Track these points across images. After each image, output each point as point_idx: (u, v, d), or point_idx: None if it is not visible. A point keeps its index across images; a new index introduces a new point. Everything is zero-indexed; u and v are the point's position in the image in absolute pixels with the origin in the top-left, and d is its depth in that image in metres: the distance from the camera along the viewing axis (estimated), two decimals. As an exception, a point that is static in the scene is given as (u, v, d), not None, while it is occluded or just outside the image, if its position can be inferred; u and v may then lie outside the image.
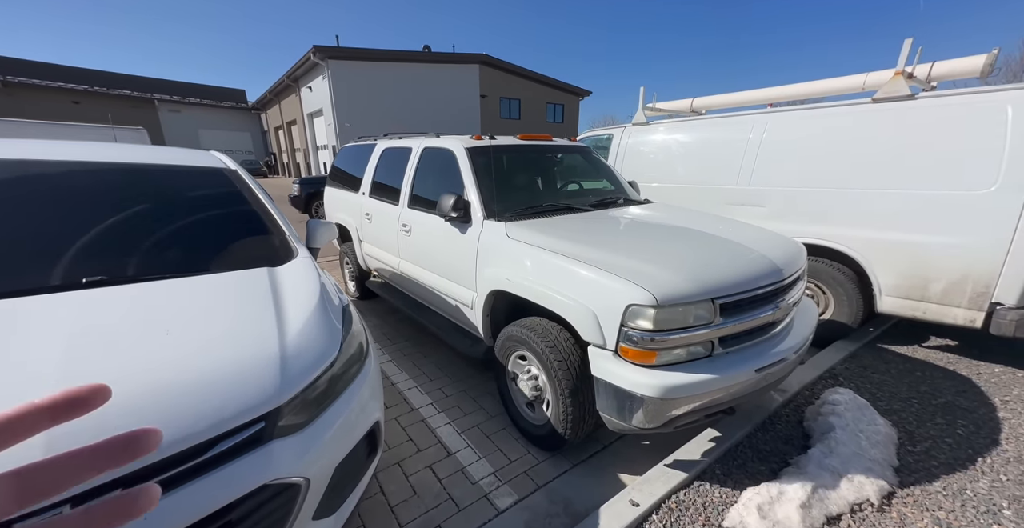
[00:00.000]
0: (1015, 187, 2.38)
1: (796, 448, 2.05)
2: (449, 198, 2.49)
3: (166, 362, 1.07)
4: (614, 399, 1.77)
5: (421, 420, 2.42)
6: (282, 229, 1.88)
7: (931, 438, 2.09)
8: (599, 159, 3.60)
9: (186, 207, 1.85)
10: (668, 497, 1.77)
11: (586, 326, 1.82)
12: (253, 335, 1.20)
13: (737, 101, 4.62)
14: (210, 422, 0.96)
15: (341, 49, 18.45)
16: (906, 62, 2.93)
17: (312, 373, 1.17)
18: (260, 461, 1.01)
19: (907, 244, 2.79)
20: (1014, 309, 2.45)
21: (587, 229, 2.40)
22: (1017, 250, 2.39)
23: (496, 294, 2.34)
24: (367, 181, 3.81)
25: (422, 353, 3.27)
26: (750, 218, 3.50)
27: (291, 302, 1.35)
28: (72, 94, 27.59)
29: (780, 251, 2.15)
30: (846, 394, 2.27)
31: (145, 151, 2.13)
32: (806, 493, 1.69)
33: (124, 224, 1.63)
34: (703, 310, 1.73)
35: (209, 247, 1.71)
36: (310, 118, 22.55)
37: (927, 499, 1.71)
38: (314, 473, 1.10)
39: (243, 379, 1.07)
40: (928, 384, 2.60)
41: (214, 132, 34.44)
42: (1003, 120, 2.43)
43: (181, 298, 1.36)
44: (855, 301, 3.13)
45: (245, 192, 1.97)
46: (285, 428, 1.09)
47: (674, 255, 2.01)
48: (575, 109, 28.36)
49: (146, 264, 1.54)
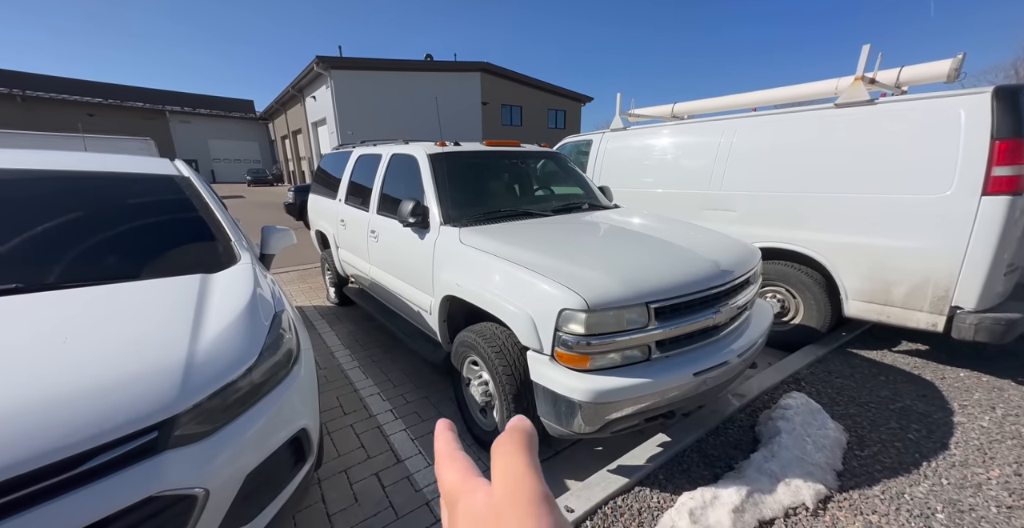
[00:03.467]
0: (969, 191, 2.37)
1: (744, 453, 2.04)
2: (408, 204, 2.54)
3: (52, 371, 1.05)
4: (552, 404, 1.78)
5: (377, 427, 2.45)
6: (227, 236, 1.92)
7: (881, 442, 2.07)
8: (570, 165, 3.64)
9: (122, 214, 1.88)
10: (605, 503, 1.77)
11: (524, 331, 1.84)
12: (160, 342, 1.21)
13: (716, 106, 4.64)
14: (90, 433, 0.95)
15: (343, 59, 18.86)
16: (865, 68, 2.94)
17: (220, 381, 1.18)
18: (148, 472, 1.00)
19: (870, 248, 2.78)
20: (973, 313, 2.42)
21: (538, 235, 2.43)
22: (973, 254, 2.37)
23: (450, 299, 2.38)
24: (343, 188, 3.89)
25: (391, 359, 3.30)
26: (721, 222, 3.51)
27: (214, 309, 1.39)
28: (87, 107, 28.50)
29: (726, 254, 2.16)
30: (799, 398, 2.26)
31: (93, 159, 2.16)
32: (740, 497, 1.69)
33: (50, 232, 1.66)
34: (636, 314, 1.75)
35: (142, 254, 1.75)
36: (314, 127, 22.98)
37: (863, 503, 1.70)
38: (217, 483, 1.09)
39: (138, 387, 1.07)
40: (890, 388, 2.57)
41: (223, 142, 35.27)
42: (957, 124, 2.43)
43: (96, 305, 1.37)
44: (823, 305, 3.12)
45: (193, 199, 2.02)
46: (184, 437, 1.09)
47: (613, 260, 2.03)
48: (577, 115, 28.51)
49: (68, 272, 1.56)
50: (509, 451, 0.25)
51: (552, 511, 0.22)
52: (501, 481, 0.24)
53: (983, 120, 2.35)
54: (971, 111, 2.39)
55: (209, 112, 33.99)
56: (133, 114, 30.23)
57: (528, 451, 0.25)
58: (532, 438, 0.27)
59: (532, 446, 0.26)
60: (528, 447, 0.26)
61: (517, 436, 0.26)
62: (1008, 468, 1.88)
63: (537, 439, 0.28)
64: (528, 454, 0.25)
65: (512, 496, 0.23)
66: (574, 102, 27.87)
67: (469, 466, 0.27)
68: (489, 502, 0.23)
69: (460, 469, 0.27)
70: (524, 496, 0.23)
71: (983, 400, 2.42)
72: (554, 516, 0.22)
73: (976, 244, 2.36)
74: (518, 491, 0.23)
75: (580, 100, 28.05)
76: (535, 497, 0.22)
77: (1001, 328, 2.38)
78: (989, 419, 2.24)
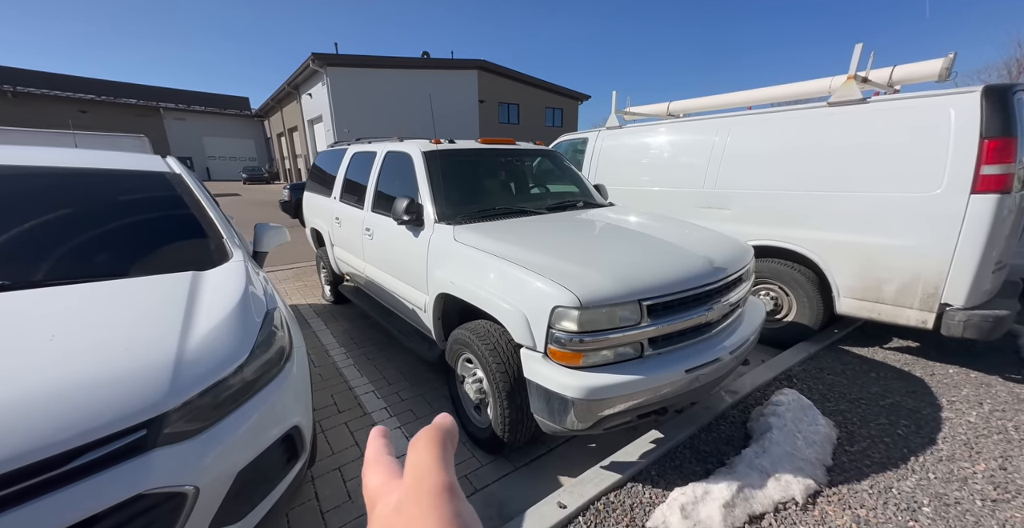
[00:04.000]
0: (959, 189, 2.40)
1: (736, 449, 2.06)
2: (402, 201, 2.53)
3: (38, 368, 1.04)
4: (545, 401, 1.79)
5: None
6: (219, 233, 1.91)
7: (870, 438, 2.09)
8: (565, 163, 3.64)
9: (112, 211, 1.86)
10: (598, 499, 1.79)
11: (518, 328, 1.85)
12: (149, 340, 1.20)
13: (711, 104, 4.66)
14: (77, 430, 0.94)
15: (339, 56, 18.73)
16: (858, 66, 2.96)
17: (210, 378, 1.17)
18: (137, 470, 0.99)
19: (862, 246, 2.81)
20: (962, 310, 2.45)
21: (532, 232, 2.43)
22: (962, 252, 2.40)
23: (444, 297, 2.38)
24: (338, 185, 3.88)
25: (386, 357, 3.30)
26: (716, 221, 3.53)
27: (205, 306, 1.38)
28: (80, 103, 28.20)
29: (719, 252, 2.18)
30: (790, 395, 2.28)
31: (83, 155, 2.14)
32: (731, 492, 1.71)
33: (38, 228, 1.64)
34: (628, 311, 1.76)
35: (132, 251, 1.73)
36: (310, 124, 22.85)
37: (852, 497, 1.72)
38: (207, 481, 1.09)
39: (126, 385, 1.06)
40: (880, 385, 2.60)
41: (218, 139, 34.99)
42: (947, 123, 2.45)
43: (85, 303, 1.35)
44: (816, 303, 3.14)
45: (185, 196, 2.00)
46: (173, 435, 1.08)
47: (607, 257, 2.04)
48: (574, 113, 28.49)
49: (56, 269, 1.55)
50: (421, 446, 0.26)
51: (453, 500, 0.22)
52: (408, 475, 0.24)
53: (973, 119, 2.38)
54: (961, 110, 2.41)
55: (204, 109, 33.70)
56: (127, 111, 29.93)
57: (440, 445, 0.26)
58: (447, 434, 0.27)
59: (446, 442, 0.26)
60: (441, 442, 0.26)
61: (432, 432, 0.27)
62: (994, 462, 1.90)
63: (456, 436, 0.28)
64: (439, 448, 0.25)
65: (415, 488, 0.23)
66: (571, 100, 27.85)
67: (395, 470, 0.27)
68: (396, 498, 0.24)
69: (384, 472, 0.27)
70: (425, 487, 0.23)
71: (971, 396, 2.46)
72: (454, 505, 0.22)
73: (965, 242, 2.39)
74: (421, 483, 0.23)
75: (577, 98, 28.03)
76: (436, 488, 0.23)
77: (989, 325, 2.41)
78: (976, 414, 2.28)
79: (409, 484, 0.24)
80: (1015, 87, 2.41)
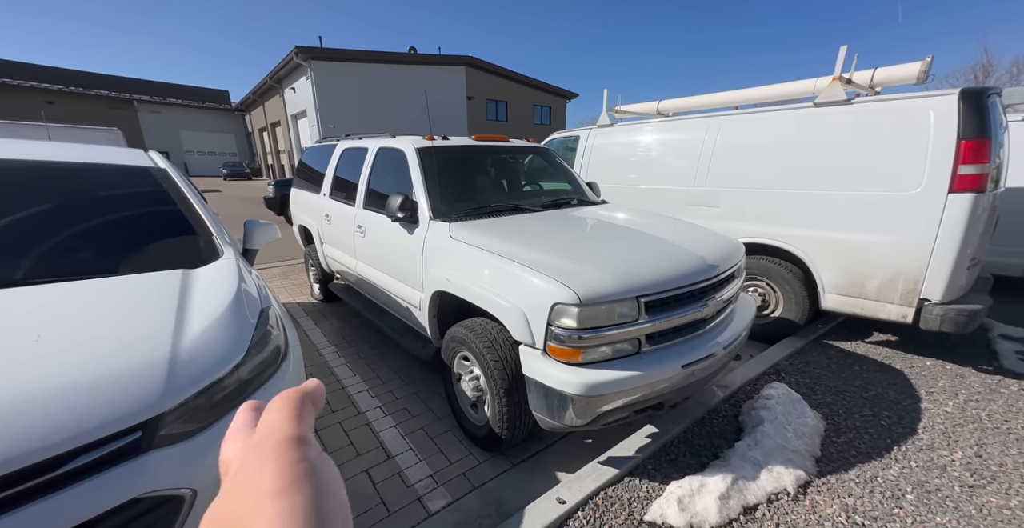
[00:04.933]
0: (937, 188, 2.49)
1: (729, 442, 2.11)
2: (396, 198, 2.50)
3: (24, 370, 1.00)
4: (544, 398, 1.80)
5: (366, 424, 2.42)
6: (208, 230, 1.85)
7: (855, 429, 2.17)
8: (558, 160, 3.65)
9: (98, 206, 1.79)
10: (596, 493, 1.81)
11: (516, 325, 1.85)
12: (142, 339, 1.17)
13: (701, 103, 4.72)
14: (70, 433, 0.91)
15: (324, 50, 18.30)
16: (843, 68, 3.04)
17: (206, 379, 1.14)
18: (132, 473, 0.97)
19: (846, 243, 2.90)
20: (939, 305, 2.56)
21: (528, 230, 2.43)
22: (940, 249, 2.50)
23: (440, 295, 2.36)
24: (327, 182, 3.80)
25: (379, 356, 3.26)
26: (706, 218, 3.59)
27: (198, 305, 1.34)
28: (46, 94, 26.90)
29: (713, 249, 2.22)
30: (780, 388, 2.34)
31: (62, 149, 2.05)
32: (726, 484, 1.75)
33: (19, 225, 1.58)
34: (627, 308, 1.78)
35: (119, 248, 1.67)
36: (294, 119, 22.31)
37: (840, 487, 1.78)
38: (205, 483, 1.06)
39: (119, 386, 1.03)
40: (863, 378, 2.69)
41: (196, 134, 33.89)
42: (926, 124, 2.55)
43: (71, 302, 1.31)
44: (802, 299, 3.23)
45: (171, 191, 1.94)
46: (169, 437, 1.06)
47: (604, 255, 2.05)
48: (562, 111, 28.55)
49: (38, 267, 1.49)
50: (275, 407, 0.25)
51: (299, 447, 0.21)
52: (256, 433, 0.23)
53: (950, 121, 2.47)
54: (939, 112, 2.50)
55: (181, 102, 32.59)
56: (97, 103, 28.69)
57: (294, 406, 0.25)
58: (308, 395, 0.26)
59: (304, 401, 0.25)
60: (297, 402, 0.25)
61: (289, 393, 0.26)
62: (970, 450, 2.00)
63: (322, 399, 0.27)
64: (294, 408, 0.24)
65: (260, 442, 0.22)
66: (559, 98, 27.89)
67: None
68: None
69: (242, 442, 0.26)
70: (271, 440, 0.22)
71: (947, 387, 2.57)
72: (300, 451, 0.21)
73: (943, 239, 2.49)
74: (267, 438, 0.22)
75: (565, 96, 28.09)
76: (282, 439, 0.22)
77: (964, 319, 2.52)
78: (953, 405, 2.38)
79: (255, 440, 0.23)
80: (990, 90, 2.51)
